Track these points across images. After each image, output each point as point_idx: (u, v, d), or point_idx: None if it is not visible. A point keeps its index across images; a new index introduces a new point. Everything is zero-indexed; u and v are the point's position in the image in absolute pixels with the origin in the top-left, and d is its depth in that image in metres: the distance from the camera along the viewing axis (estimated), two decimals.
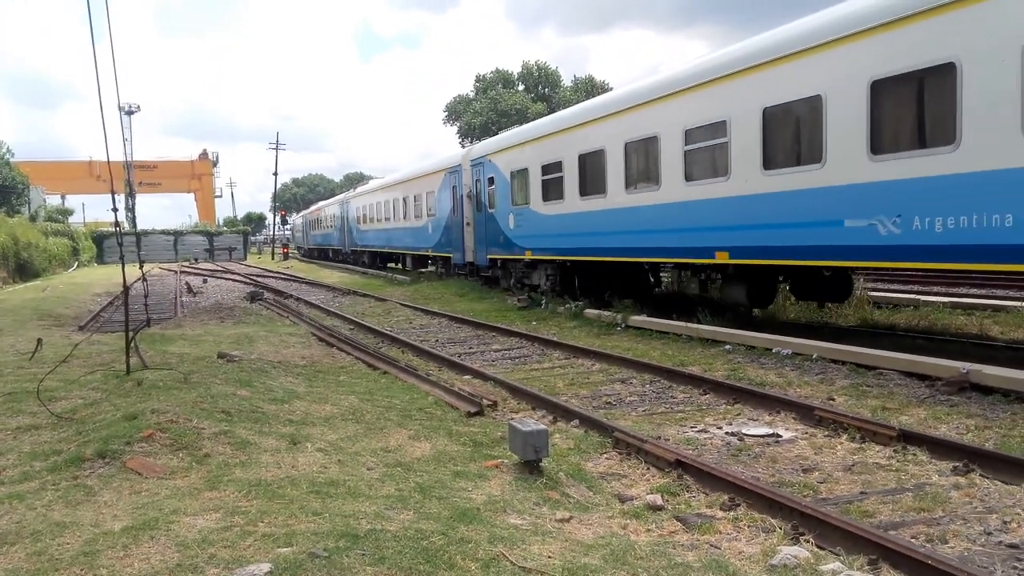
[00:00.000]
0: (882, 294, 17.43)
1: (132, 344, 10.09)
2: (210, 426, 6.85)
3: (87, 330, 17.35)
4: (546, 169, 19.47)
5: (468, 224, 25.32)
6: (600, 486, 6.26)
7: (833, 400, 8.81)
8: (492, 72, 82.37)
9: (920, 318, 14.52)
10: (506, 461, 6.53)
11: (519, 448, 6.24)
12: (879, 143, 10.36)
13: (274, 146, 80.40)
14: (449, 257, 28.04)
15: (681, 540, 5.03)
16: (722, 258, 13.45)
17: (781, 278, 14.47)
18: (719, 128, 13.19)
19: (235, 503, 5.08)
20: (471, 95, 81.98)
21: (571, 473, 6.44)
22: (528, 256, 20.94)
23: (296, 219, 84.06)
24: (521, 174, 21.00)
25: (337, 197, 57.71)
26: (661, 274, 17.88)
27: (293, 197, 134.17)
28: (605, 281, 18.32)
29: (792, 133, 11.91)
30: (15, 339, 14.74)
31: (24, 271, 39.05)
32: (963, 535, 5.01)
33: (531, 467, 6.24)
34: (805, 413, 8.08)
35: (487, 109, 76.09)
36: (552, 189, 19.19)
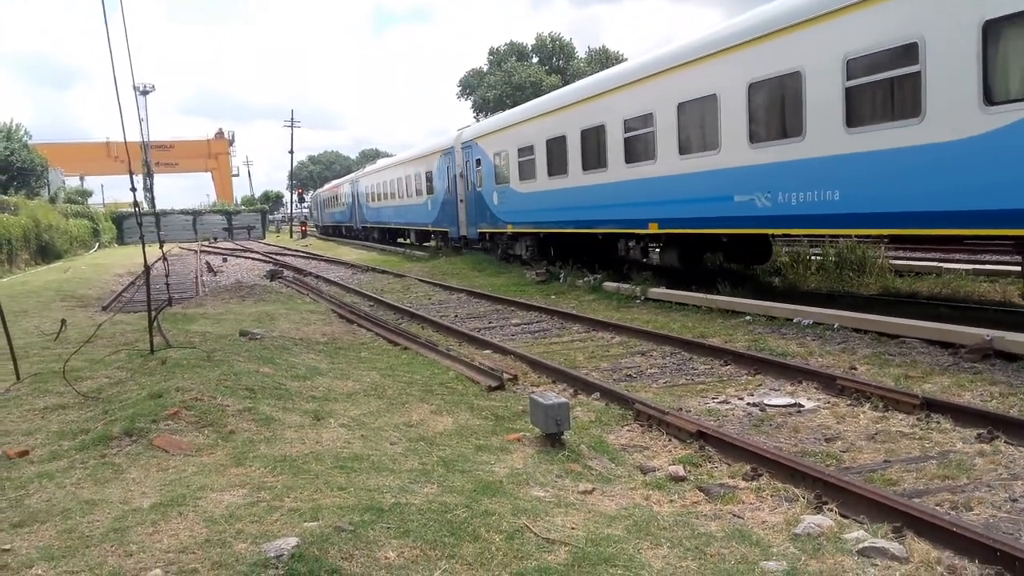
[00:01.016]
0: (903, 262, 17.28)
1: (155, 323, 10.19)
2: (234, 403, 6.91)
3: (110, 310, 17.51)
4: (521, 152, 21.96)
5: (461, 201, 27.70)
6: (622, 458, 6.28)
7: (855, 369, 8.77)
8: (506, 45, 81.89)
9: (942, 286, 14.42)
10: (528, 434, 6.56)
11: (540, 421, 6.26)
12: (755, 133, 12.77)
13: (289, 124, 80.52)
14: (447, 231, 30.29)
15: (704, 510, 5.04)
16: (653, 228, 15.94)
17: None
18: (649, 119, 15.58)
19: (261, 479, 5.14)
20: (485, 69, 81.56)
21: (593, 445, 6.46)
22: (510, 229, 23.43)
23: (312, 197, 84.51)
24: (502, 156, 23.41)
25: (348, 176, 59.51)
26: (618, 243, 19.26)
27: (310, 175, 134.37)
28: (574, 250, 20.49)
29: (699, 124, 14.17)
30: (39, 320, 14.91)
31: (46, 253, 39.43)
32: (988, 502, 5.00)
33: (553, 440, 6.26)
34: (827, 383, 8.05)
35: (501, 83, 75.72)
36: (526, 170, 21.64)
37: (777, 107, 12.46)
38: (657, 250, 16.94)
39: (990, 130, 9.10)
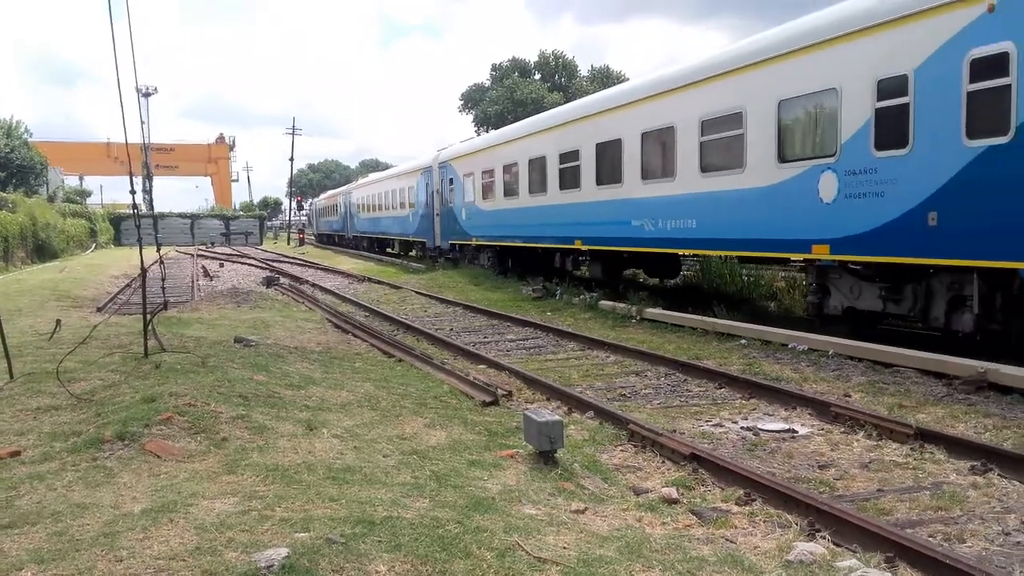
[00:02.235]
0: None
1: (150, 327, 10.15)
2: (228, 410, 6.89)
3: (105, 312, 17.46)
4: (484, 174, 25.23)
5: (437, 215, 30.92)
6: (615, 478, 6.26)
7: (849, 397, 8.78)
8: (508, 61, 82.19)
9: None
10: (521, 451, 6.55)
11: (534, 438, 6.25)
12: (645, 172, 16.01)
13: (291, 131, 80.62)
14: (424, 242, 33.52)
15: (696, 534, 5.03)
16: (579, 244, 19.21)
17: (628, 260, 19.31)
18: (576, 154, 18.80)
19: (253, 487, 5.12)
20: (487, 84, 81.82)
21: (586, 464, 6.45)
22: (474, 242, 26.69)
23: (310, 205, 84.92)
24: (470, 177, 26.63)
25: (342, 188, 63.36)
26: (555, 256, 22.32)
27: (309, 183, 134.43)
28: (525, 261, 23.76)
29: (609, 161, 17.27)
30: (34, 320, 14.86)
31: (42, 252, 39.33)
32: (981, 534, 5.00)
33: (546, 458, 6.25)
34: (821, 409, 8.06)
35: (503, 98, 75.98)
36: (488, 190, 24.97)
37: (660, 152, 15.53)
38: (586, 263, 20.54)
39: (781, 180, 12.21)
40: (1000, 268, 9.13)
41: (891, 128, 10.26)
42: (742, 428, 7.76)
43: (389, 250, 43.43)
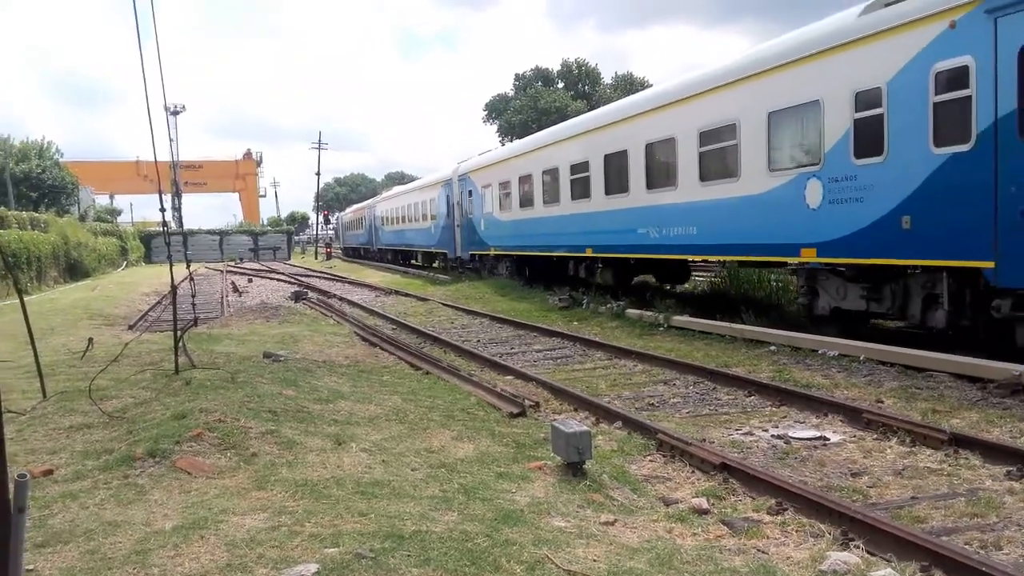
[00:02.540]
0: None
1: (180, 343, 10.26)
2: (257, 425, 6.94)
3: (136, 329, 17.68)
4: (502, 186, 25.96)
5: (457, 226, 31.65)
6: (644, 489, 6.22)
7: (882, 403, 8.66)
8: (531, 70, 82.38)
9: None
10: (549, 463, 6.52)
11: (562, 450, 6.23)
12: (650, 182, 16.67)
13: (316, 146, 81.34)
14: (445, 252, 34.29)
15: (728, 544, 4.98)
16: (589, 252, 19.97)
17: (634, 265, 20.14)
18: (585, 166, 19.61)
19: (282, 503, 5.14)
20: (511, 93, 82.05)
21: (615, 475, 6.41)
22: (493, 252, 27.51)
23: (337, 219, 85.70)
24: (489, 188, 27.44)
25: (366, 202, 64.45)
26: (569, 264, 23.07)
27: (335, 196, 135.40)
28: (541, 270, 24.52)
29: (617, 172, 18.01)
30: (67, 338, 15.07)
31: (74, 271, 39.87)
32: (1018, 541, 4.90)
33: (574, 469, 6.23)
34: (853, 416, 7.96)
35: (527, 107, 76.16)
36: (505, 202, 25.73)
37: (663, 163, 16.20)
38: (599, 269, 21.15)
39: (772, 188, 12.89)
40: (966, 267, 9.69)
41: (868, 137, 10.90)
42: (772, 436, 7.68)
43: (413, 262, 44.31)
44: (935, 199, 9.93)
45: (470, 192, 29.44)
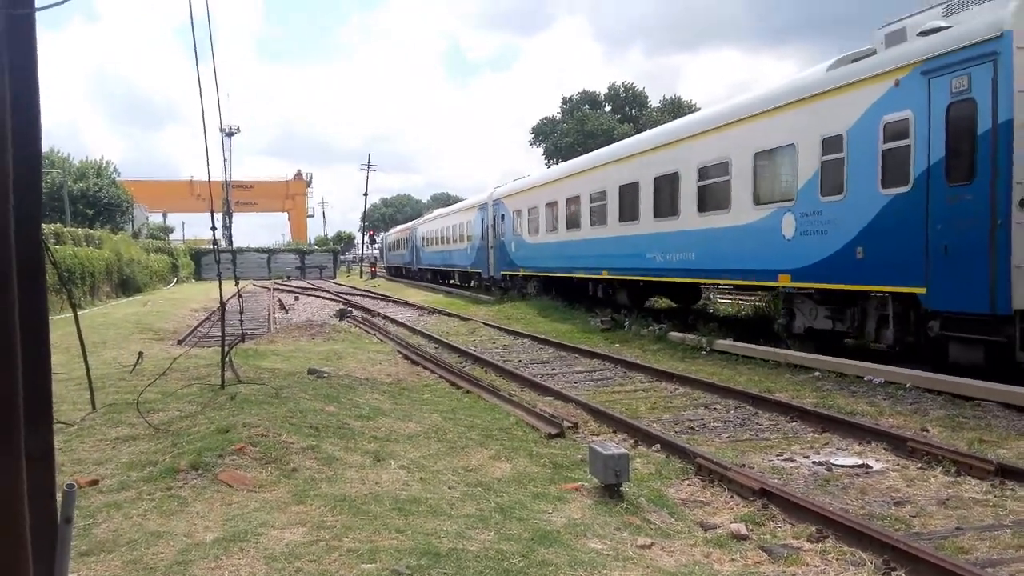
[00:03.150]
0: None
1: (227, 359, 10.44)
2: (298, 441, 7.03)
3: (185, 344, 18.02)
4: (531, 211, 28.00)
5: (491, 248, 33.71)
6: (682, 513, 6.18)
7: (927, 431, 8.50)
8: (578, 93, 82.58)
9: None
10: (586, 484, 6.52)
11: (600, 471, 6.22)
12: (656, 211, 18.26)
13: (365, 167, 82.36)
14: (480, 272, 36.14)
15: (766, 571, 4.93)
16: (605, 274, 21.73)
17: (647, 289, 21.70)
18: (603, 195, 21.35)
19: (321, 518, 5.21)
20: (558, 117, 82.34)
21: (652, 499, 6.38)
22: (522, 272, 29.35)
23: (382, 239, 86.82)
24: (519, 213, 29.45)
25: (409, 224, 67.23)
26: (588, 285, 24.70)
27: (382, 217, 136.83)
28: (565, 290, 26.13)
29: (630, 201, 19.64)
30: (118, 352, 15.42)
31: (127, 286, 40.78)
32: None
33: (611, 491, 6.21)
34: (897, 444, 7.82)
35: (573, 130, 76.32)
36: (533, 226, 27.71)
37: (668, 194, 17.70)
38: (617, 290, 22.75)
39: (757, 219, 14.38)
40: (906, 292, 11.09)
41: (832, 178, 12.40)
42: (814, 463, 7.57)
43: (451, 281, 46.10)
44: (881, 233, 11.40)
45: (503, 216, 31.57)
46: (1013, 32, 9.48)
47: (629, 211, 19.66)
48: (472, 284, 39.06)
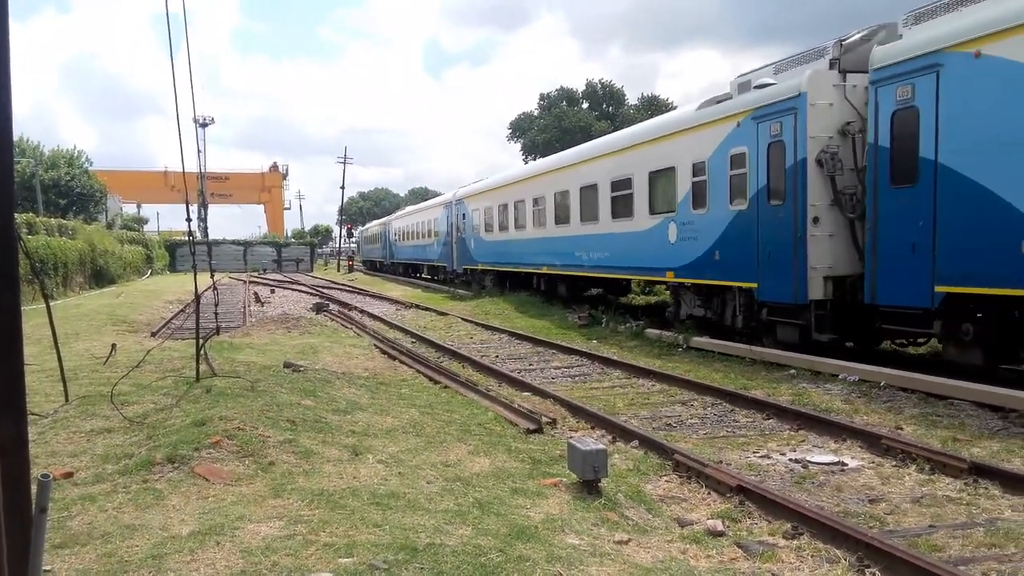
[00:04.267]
0: None
1: (202, 351, 10.35)
2: (275, 434, 6.99)
3: (159, 336, 17.84)
4: (486, 212, 30.86)
5: (455, 243, 36.36)
6: (659, 509, 6.21)
7: (901, 429, 8.59)
8: (556, 90, 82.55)
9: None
10: (564, 480, 6.52)
11: (578, 467, 6.23)
12: (583, 216, 21.24)
13: (342, 160, 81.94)
14: (445, 266, 39.01)
15: (742, 568, 4.96)
16: (545, 270, 24.92)
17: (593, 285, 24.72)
18: (543, 199, 24.43)
19: (298, 512, 5.17)
20: (535, 113, 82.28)
21: (630, 495, 6.40)
22: (480, 267, 32.18)
23: (359, 233, 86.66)
24: (477, 213, 32.26)
25: (382, 219, 68.82)
26: (532, 279, 27.44)
27: (359, 211, 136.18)
28: (517, 283, 28.52)
29: (564, 206, 22.72)
30: (90, 343, 15.23)
31: (100, 277, 40.29)
32: None
33: (589, 487, 6.22)
34: (872, 442, 7.90)
35: (551, 127, 76.29)
36: (488, 225, 30.64)
37: (591, 202, 20.67)
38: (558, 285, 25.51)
39: (652, 226, 17.34)
40: (746, 287, 14.11)
41: (699, 195, 15.37)
42: (790, 460, 7.63)
43: (421, 275, 48.85)
44: (730, 240, 14.37)
45: (464, 215, 34.41)
46: (807, 92, 12.22)
47: (563, 216, 22.71)
48: (439, 277, 41.83)
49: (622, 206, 18.72)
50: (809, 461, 7.53)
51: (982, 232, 9.71)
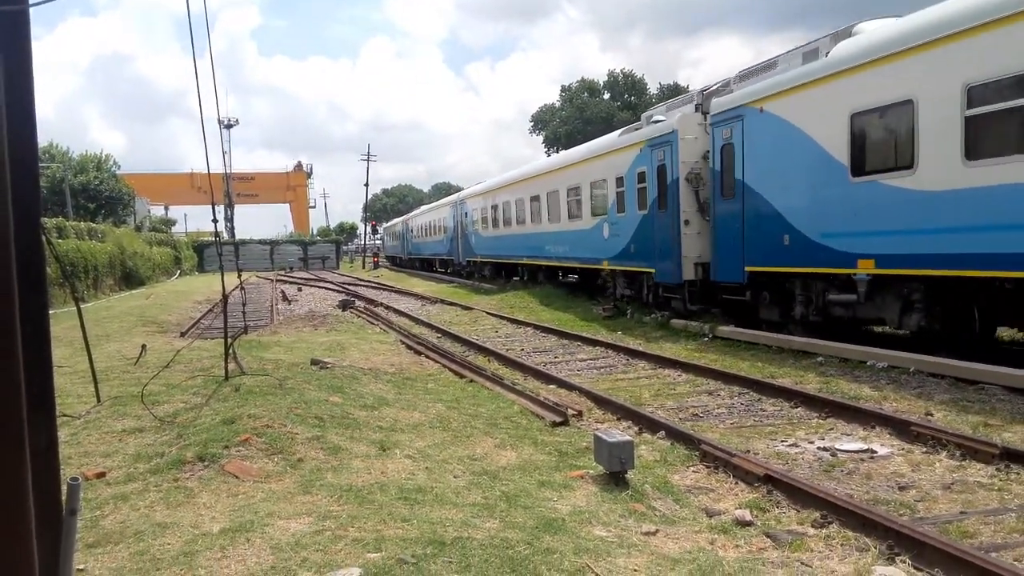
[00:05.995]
0: None
1: (231, 350, 10.44)
2: (304, 431, 7.05)
3: (188, 336, 18.04)
4: (483, 210, 35.38)
5: (460, 239, 40.84)
6: (687, 499, 6.19)
7: (931, 415, 8.50)
8: (577, 81, 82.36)
9: None
10: (591, 472, 6.53)
11: (604, 459, 6.23)
12: (551, 216, 25.60)
13: (366, 157, 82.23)
14: (452, 259, 43.70)
15: (771, 557, 4.93)
16: (525, 261, 29.32)
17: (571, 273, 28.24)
18: (522, 202, 28.82)
19: (327, 507, 5.22)
20: (557, 105, 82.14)
21: (657, 486, 6.39)
22: (479, 259, 36.85)
23: (383, 230, 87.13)
24: (477, 211, 36.77)
25: (402, 217, 72.26)
26: (518, 269, 31.95)
27: (384, 207, 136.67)
28: (508, 273, 33.10)
29: (535, 210, 27.34)
30: (121, 344, 15.43)
31: (130, 279, 40.77)
32: None
33: (616, 479, 6.22)
34: (901, 428, 7.82)
35: (573, 118, 76.16)
36: (486, 222, 35.01)
37: (555, 205, 25.06)
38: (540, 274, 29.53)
39: (593, 225, 21.93)
40: (649, 271, 18.53)
41: (620, 202, 19.81)
42: (818, 448, 7.58)
43: (436, 268, 52.42)
44: (639, 236, 18.82)
45: (466, 213, 39.02)
46: (678, 129, 16.82)
47: (536, 216, 27.28)
48: (449, 269, 46.42)
49: (575, 209, 23.35)
50: (838, 449, 7.47)
51: (766, 230, 14.04)
